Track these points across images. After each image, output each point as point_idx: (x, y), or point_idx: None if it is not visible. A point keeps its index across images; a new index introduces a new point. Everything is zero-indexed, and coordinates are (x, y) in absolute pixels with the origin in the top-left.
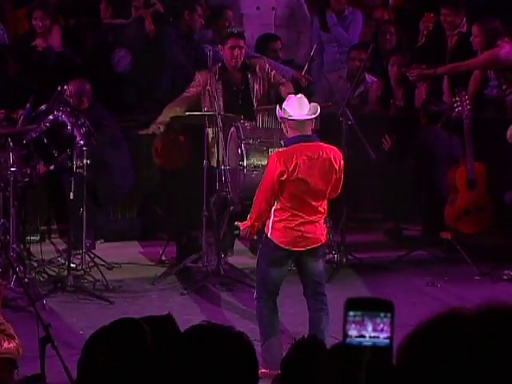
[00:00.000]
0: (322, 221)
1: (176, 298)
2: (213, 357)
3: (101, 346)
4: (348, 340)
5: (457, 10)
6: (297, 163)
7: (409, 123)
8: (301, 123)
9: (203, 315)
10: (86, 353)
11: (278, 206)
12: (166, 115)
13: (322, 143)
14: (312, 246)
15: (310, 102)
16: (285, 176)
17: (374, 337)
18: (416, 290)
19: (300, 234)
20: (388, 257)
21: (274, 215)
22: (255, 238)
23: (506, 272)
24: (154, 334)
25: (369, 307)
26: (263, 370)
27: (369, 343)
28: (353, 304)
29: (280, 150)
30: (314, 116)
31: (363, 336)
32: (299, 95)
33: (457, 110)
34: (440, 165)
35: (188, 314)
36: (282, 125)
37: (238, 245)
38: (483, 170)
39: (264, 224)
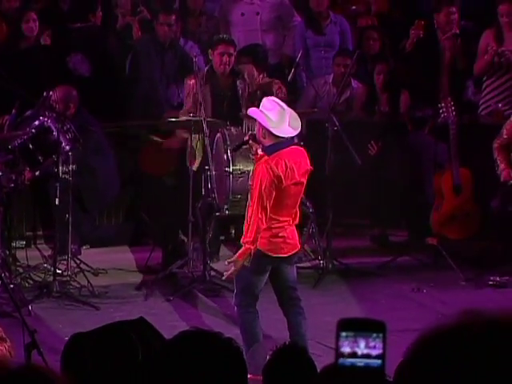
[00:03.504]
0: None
1: (162, 304)
2: (202, 363)
3: (86, 353)
4: (341, 360)
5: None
6: (287, 169)
7: (395, 129)
8: None
9: (189, 321)
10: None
11: None
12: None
13: (295, 146)
14: (293, 252)
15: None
16: (279, 183)
17: (366, 355)
18: (402, 296)
19: (283, 239)
20: (374, 262)
21: None
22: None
23: (492, 278)
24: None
25: (361, 328)
26: (249, 376)
27: (361, 364)
28: (345, 324)
29: (266, 158)
30: (297, 131)
31: (356, 353)
32: (285, 108)
33: (442, 115)
34: (426, 170)
35: (174, 319)
36: (261, 130)
37: (224, 251)
38: (469, 176)
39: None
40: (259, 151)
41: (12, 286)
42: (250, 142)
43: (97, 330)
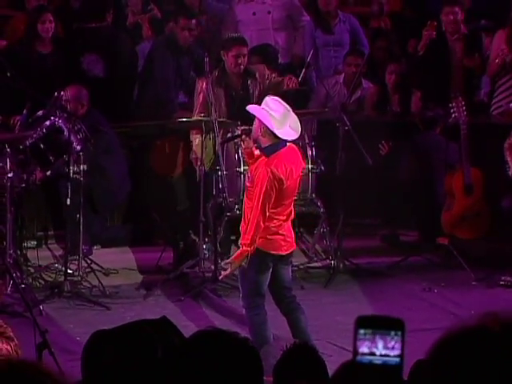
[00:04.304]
0: None
1: (173, 304)
2: (219, 362)
3: (108, 351)
4: (358, 358)
5: (462, 7)
6: (287, 171)
7: (406, 129)
8: None
9: (200, 321)
10: (89, 356)
11: None
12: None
13: (291, 144)
14: (291, 250)
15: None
16: (280, 185)
17: (384, 355)
18: (413, 296)
19: (283, 237)
20: (385, 262)
21: None
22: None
23: (503, 278)
24: (160, 340)
25: (379, 325)
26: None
27: (379, 361)
28: (363, 322)
29: (266, 160)
30: (298, 134)
31: (374, 353)
32: (289, 109)
33: (453, 115)
34: (437, 170)
35: (185, 319)
36: (261, 128)
37: (235, 251)
38: (480, 176)
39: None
40: (257, 152)
41: (23, 285)
42: (244, 136)
43: (118, 329)
